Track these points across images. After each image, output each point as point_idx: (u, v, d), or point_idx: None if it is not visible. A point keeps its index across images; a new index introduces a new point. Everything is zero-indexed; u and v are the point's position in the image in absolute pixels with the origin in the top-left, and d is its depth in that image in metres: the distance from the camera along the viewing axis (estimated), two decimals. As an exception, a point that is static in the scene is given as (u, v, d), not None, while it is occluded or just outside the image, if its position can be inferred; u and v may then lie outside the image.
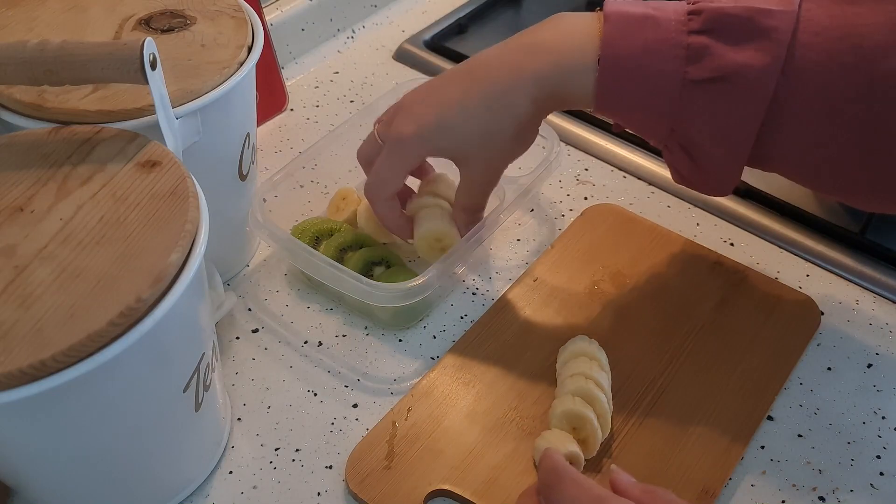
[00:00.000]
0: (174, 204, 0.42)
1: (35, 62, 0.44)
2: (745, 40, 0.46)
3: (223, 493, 0.51)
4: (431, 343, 0.59)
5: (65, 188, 0.43)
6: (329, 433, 0.54)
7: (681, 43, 0.47)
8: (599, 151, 0.74)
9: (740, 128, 0.47)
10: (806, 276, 0.63)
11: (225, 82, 0.51)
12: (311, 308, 0.62)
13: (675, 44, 0.47)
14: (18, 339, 0.36)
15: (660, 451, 0.52)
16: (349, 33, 0.88)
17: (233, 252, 0.64)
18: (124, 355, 0.37)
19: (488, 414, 0.54)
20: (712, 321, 0.59)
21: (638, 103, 0.49)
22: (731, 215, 0.68)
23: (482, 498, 0.49)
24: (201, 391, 0.46)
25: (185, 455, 0.49)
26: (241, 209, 0.60)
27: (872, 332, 0.60)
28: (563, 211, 0.69)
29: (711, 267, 0.63)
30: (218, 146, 0.55)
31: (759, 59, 0.45)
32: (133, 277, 0.38)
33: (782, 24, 0.45)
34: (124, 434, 0.43)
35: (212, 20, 0.55)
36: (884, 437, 0.54)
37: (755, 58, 0.45)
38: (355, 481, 0.50)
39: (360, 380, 0.57)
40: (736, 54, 0.46)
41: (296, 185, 0.65)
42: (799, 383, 0.57)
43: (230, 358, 0.58)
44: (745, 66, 0.46)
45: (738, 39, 0.46)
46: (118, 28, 0.54)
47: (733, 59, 0.46)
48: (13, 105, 0.49)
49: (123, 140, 0.46)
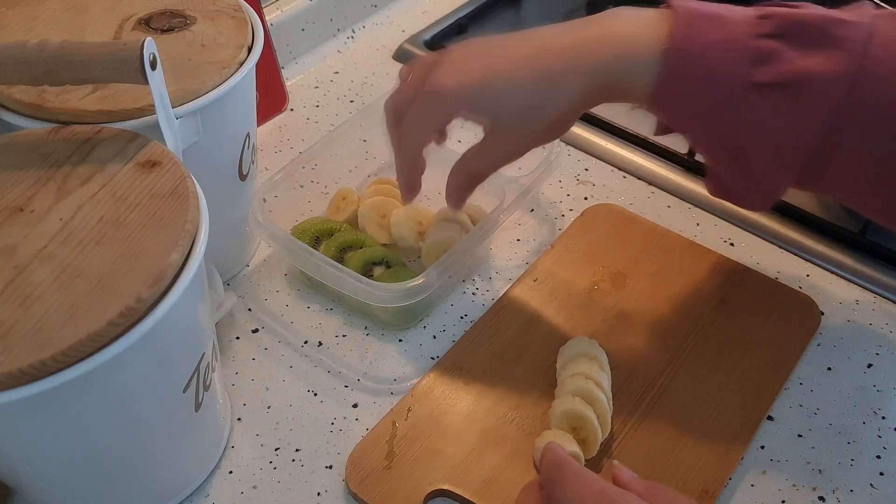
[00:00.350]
0: (174, 204, 0.42)
1: (35, 62, 0.44)
2: (815, 47, 0.44)
3: (223, 493, 0.51)
4: (431, 343, 0.59)
5: (65, 188, 0.43)
6: (329, 433, 0.54)
7: (749, 45, 0.45)
8: (599, 151, 0.74)
9: (798, 138, 0.46)
10: (806, 276, 0.63)
11: (225, 82, 0.51)
12: (311, 308, 0.62)
13: (743, 45, 0.45)
14: (18, 339, 0.36)
15: (660, 451, 0.52)
16: (349, 33, 0.88)
17: (233, 252, 0.64)
18: (124, 355, 0.37)
19: (488, 414, 0.54)
20: (712, 321, 0.59)
21: (697, 102, 0.47)
22: (731, 215, 0.68)
23: (482, 498, 0.49)
24: (201, 391, 0.46)
25: (185, 455, 0.49)
26: (241, 209, 0.60)
27: (872, 332, 0.60)
28: (563, 211, 0.69)
29: (711, 267, 0.63)
30: (218, 146, 0.55)
31: (829, 67, 0.44)
32: (133, 277, 0.38)
33: (855, 35, 0.44)
34: (124, 434, 0.43)
35: (212, 20, 0.55)
36: (884, 437, 0.54)
37: (824, 66, 0.44)
38: (355, 481, 0.50)
39: (360, 380, 0.57)
40: (805, 61, 0.44)
41: (296, 185, 0.65)
42: (799, 383, 0.57)
43: (230, 358, 0.58)
44: (814, 73, 0.44)
45: (808, 46, 0.44)
46: (118, 28, 0.54)
47: (802, 65, 0.44)
48: (13, 105, 0.49)
49: (123, 140, 0.46)
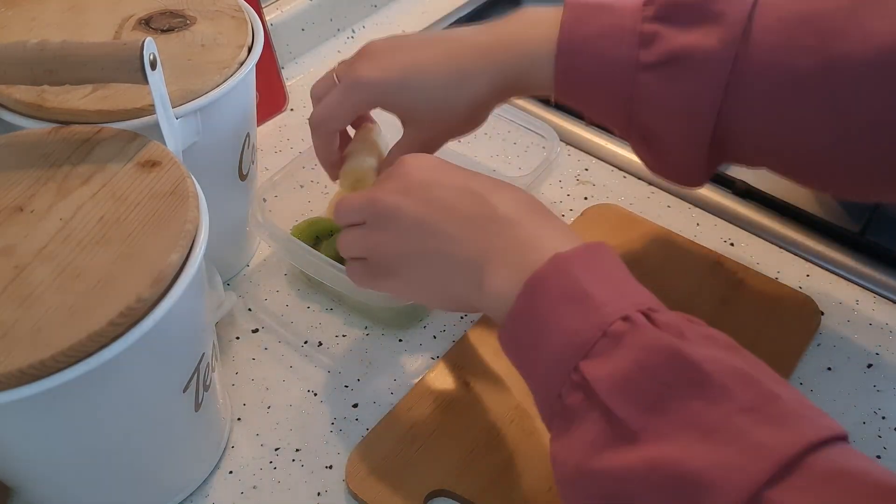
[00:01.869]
0: (174, 204, 0.42)
1: (35, 62, 0.44)
2: (693, 25, 0.47)
3: (223, 493, 0.51)
4: (431, 343, 0.59)
5: (65, 188, 0.43)
6: (329, 433, 0.54)
7: (635, 30, 0.48)
8: (599, 151, 0.74)
9: (694, 111, 0.48)
10: (806, 276, 0.63)
11: (225, 82, 0.51)
12: (311, 308, 0.62)
13: (630, 30, 0.48)
14: (18, 339, 0.36)
15: (660, 451, 0.52)
16: (349, 33, 0.88)
17: (233, 252, 0.64)
18: (124, 355, 0.37)
19: (488, 414, 0.54)
20: (712, 321, 0.59)
21: (594, 89, 0.50)
22: (731, 215, 0.68)
23: (482, 498, 0.49)
24: (201, 391, 0.46)
25: (185, 455, 0.49)
26: (241, 209, 0.60)
27: (872, 332, 0.60)
28: (563, 211, 0.69)
29: (711, 267, 0.63)
30: (218, 146, 0.55)
31: (707, 40, 0.46)
32: (133, 277, 0.38)
33: (734, 9, 0.46)
34: (124, 434, 0.43)
35: (212, 20, 0.55)
36: (884, 437, 0.54)
37: (703, 40, 0.47)
38: (355, 481, 0.50)
39: (360, 380, 0.57)
40: (684, 37, 0.47)
41: (296, 185, 0.65)
42: (799, 383, 0.57)
43: (230, 358, 0.58)
44: (693, 47, 0.47)
45: (687, 24, 0.47)
46: (118, 28, 0.54)
47: (681, 41, 0.47)
48: (13, 105, 0.49)
49: (123, 140, 0.46)
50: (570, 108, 0.76)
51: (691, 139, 0.49)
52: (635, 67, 0.48)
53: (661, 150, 0.52)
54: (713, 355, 0.35)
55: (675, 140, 0.50)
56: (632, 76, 0.48)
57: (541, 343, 0.39)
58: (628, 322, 0.37)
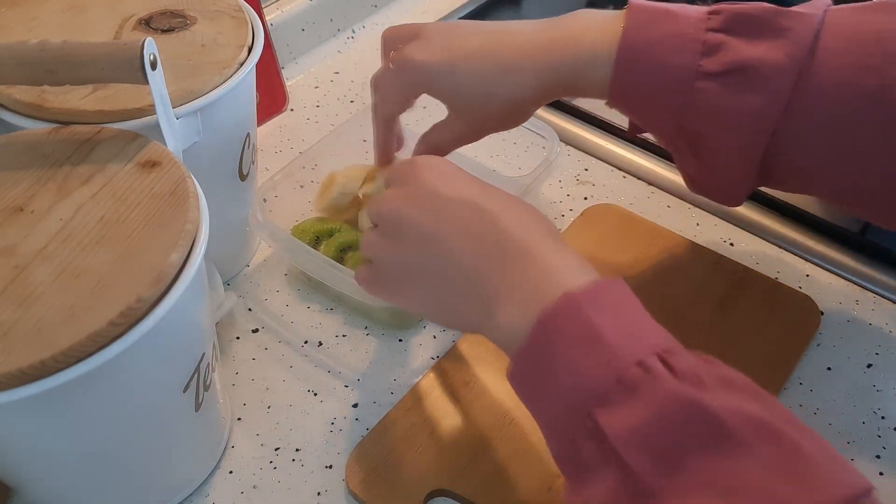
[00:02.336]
0: (174, 204, 0.42)
1: (35, 62, 0.44)
2: (760, 38, 0.47)
3: (223, 493, 0.51)
4: (431, 343, 0.59)
5: (65, 188, 0.43)
6: (329, 433, 0.54)
7: (698, 38, 0.48)
8: (599, 151, 0.74)
9: (752, 123, 0.48)
10: (806, 276, 0.63)
11: (225, 82, 0.51)
12: (311, 308, 0.62)
13: (693, 38, 0.48)
14: (18, 339, 0.36)
15: (660, 451, 0.52)
16: (349, 33, 0.88)
17: (233, 252, 0.64)
18: (124, 355, 0.37)
19: (488, 414, 0.54)
20: (712, 321, 0.59)
21: (651, 95, 0.49)
22: (731, 215, 0.68)
23: (482, 498, 0.49)
24: (201, 391, 0.46)
25: (185, 455, 0.49)
26: (241, 209, 0.60)
27: (872, 332, 0.60)
28: (563, 211, 0.69)
29: (711, 267, 0.63)
30: (218, 146, 0.55)
31: (774, 54, 0.46)
32: (133, 277, 0.38)
33: (801, 25, 0.46)
34: (124, 434, 0.43)
35: (212, 20, 0.55)
36: (883, 437, 0.54)
37: (769, 53, 0.46)
38: (355, 481, 0.50)
39: (360, 380, 0.57)
40: (750, 49, 0.46)
41: (296, 185, 0.65)
42: (799, 383, 0.57)
43: (230, 358, 0.58)
44: (759, 60, 0.46)
45: (753, 37, 0.47)
46: (118, 28, 0.54)
47: (748, 53, 0.46)
48: (13, 105, 0.49)
49: (123, 140, 0.46)
50: (568, 108, 0.77)
51: (744, 151, 0.49)
52: (695, 75, 0.47)
53: (709, 162, 0.50)
54: (734, 407, 0.33)
55: (726, 151, 0.49)
56: (690, 84, 0.48)
57: (552, 385, 0.37)
58: (643, 368, 0.35)
